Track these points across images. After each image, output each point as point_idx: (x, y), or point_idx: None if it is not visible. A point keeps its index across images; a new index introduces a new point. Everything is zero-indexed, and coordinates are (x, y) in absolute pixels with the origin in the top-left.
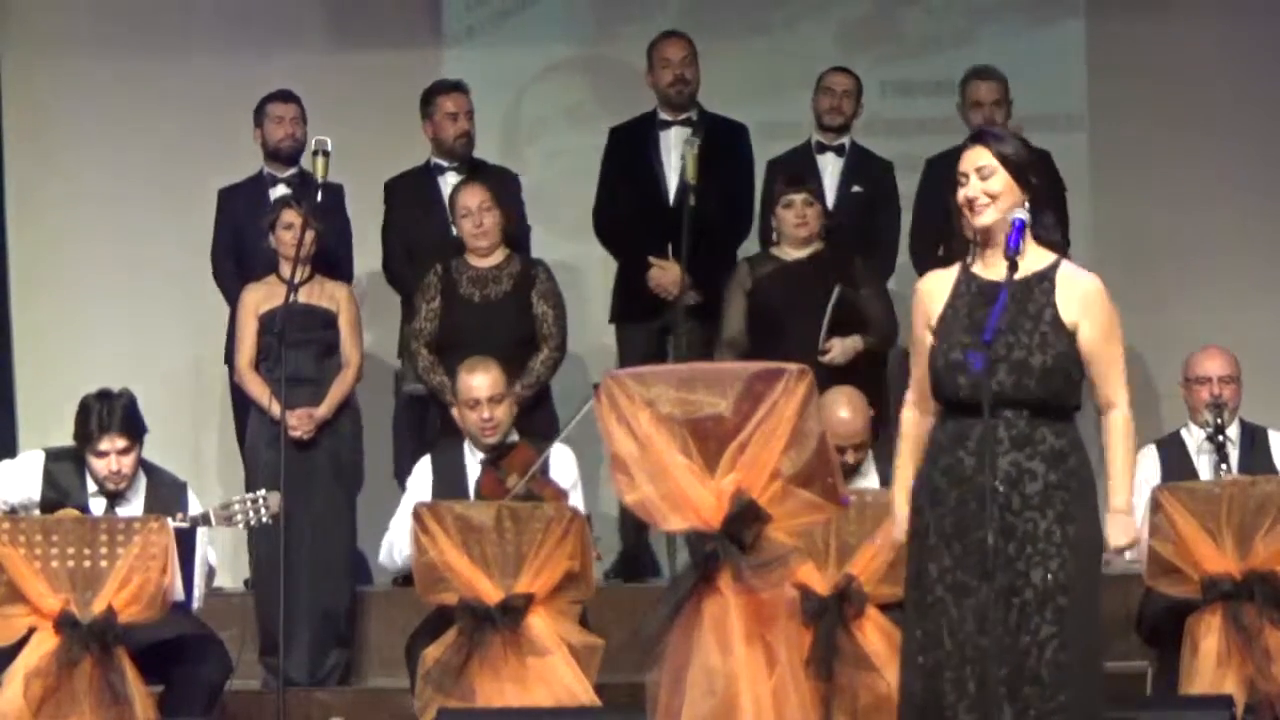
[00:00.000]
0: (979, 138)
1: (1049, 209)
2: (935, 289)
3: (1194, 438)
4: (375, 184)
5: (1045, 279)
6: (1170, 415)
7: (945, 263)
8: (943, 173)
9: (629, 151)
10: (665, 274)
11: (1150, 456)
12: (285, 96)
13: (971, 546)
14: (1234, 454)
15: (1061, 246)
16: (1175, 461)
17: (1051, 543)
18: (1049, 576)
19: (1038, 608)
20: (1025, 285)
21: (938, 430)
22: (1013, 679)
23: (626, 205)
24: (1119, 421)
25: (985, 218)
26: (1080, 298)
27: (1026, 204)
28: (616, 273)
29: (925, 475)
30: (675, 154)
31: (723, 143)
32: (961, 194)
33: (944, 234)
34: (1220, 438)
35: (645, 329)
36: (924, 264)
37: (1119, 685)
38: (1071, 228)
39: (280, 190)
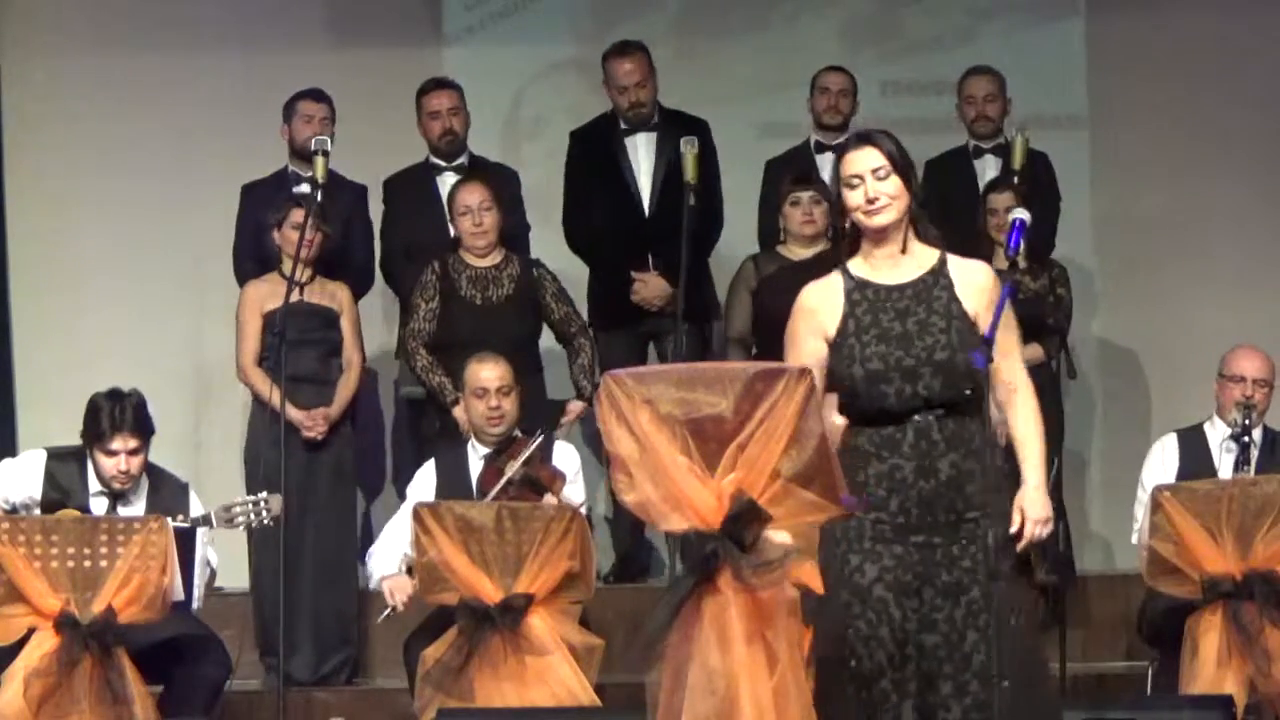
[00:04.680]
0: (865, 138)
1: (925, 209)
2: (826, 301)
3: (1217, 432)
4: (376, 183)
5: (939, 275)
6: (1170, 411)
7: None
8: (943, 174)
9: (595, 159)
10: (647, 287)
11: (1170, 445)
12: (317, 96)
13: (913, 548)
14: (1254, 456)
15: (941, 241)
16: (1195, 453)
17: (988, 538)
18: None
19: (986, 605)
20: (923, 284)
21: (859, 438)
22: (958, 675)
23: (599, 214)
24: (1028, 402)
25: (884, 218)
26: (976, 287)
27: (898, 204)
28: (590, 280)
29: (854, 484)
30: (645, 161)
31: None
32: (858, 195)
33: (954, 234)
34: (1246, 438)
35: (625, 335)
36: None
37: (1119, 685)
38: (1072, 226)
39: (305, 189)
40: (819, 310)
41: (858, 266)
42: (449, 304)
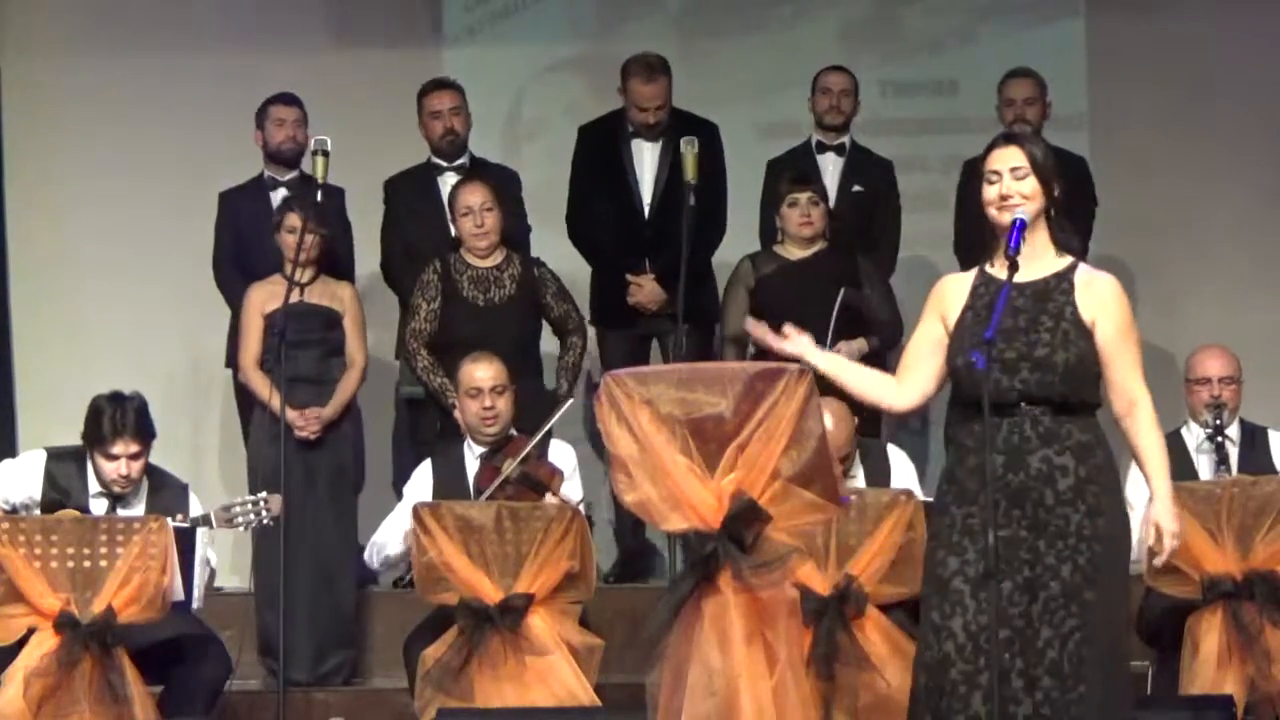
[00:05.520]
0: (1012, 138)
1: (1066, 215)
2: (955, 291)
3: (1194, 437)
4: (375, 184)
5: (1064, 280)
6: (1173, 411)
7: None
8: (979, 175)
9: (601, 157)
10: (643, 291)
11: None
12: (287, 99)
13: (999, 541)
14: (1233, 454)
15: (1078, 251)
16: (1174, 461)
17: (1082, 537)
18: (1077, 572)
19: (1064, 602)
20: (1044, 286)
21: (960, 432)
22: (1031, 670)
23: (601, 214)
24: (1148, 416)
25: (1013, 216)
26: (1097, 296)
27: (1030, 205)
28: (592, 278)
29: (952, 476)
30: (649, 162)
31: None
32: (993, 191)
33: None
34: (1220, 438)
35: (628, 334)
36: (972, 266)
37: None
38: None
39: (282, 194)
40: (947, 297)
41: (991, 264)
42: (450, 304)
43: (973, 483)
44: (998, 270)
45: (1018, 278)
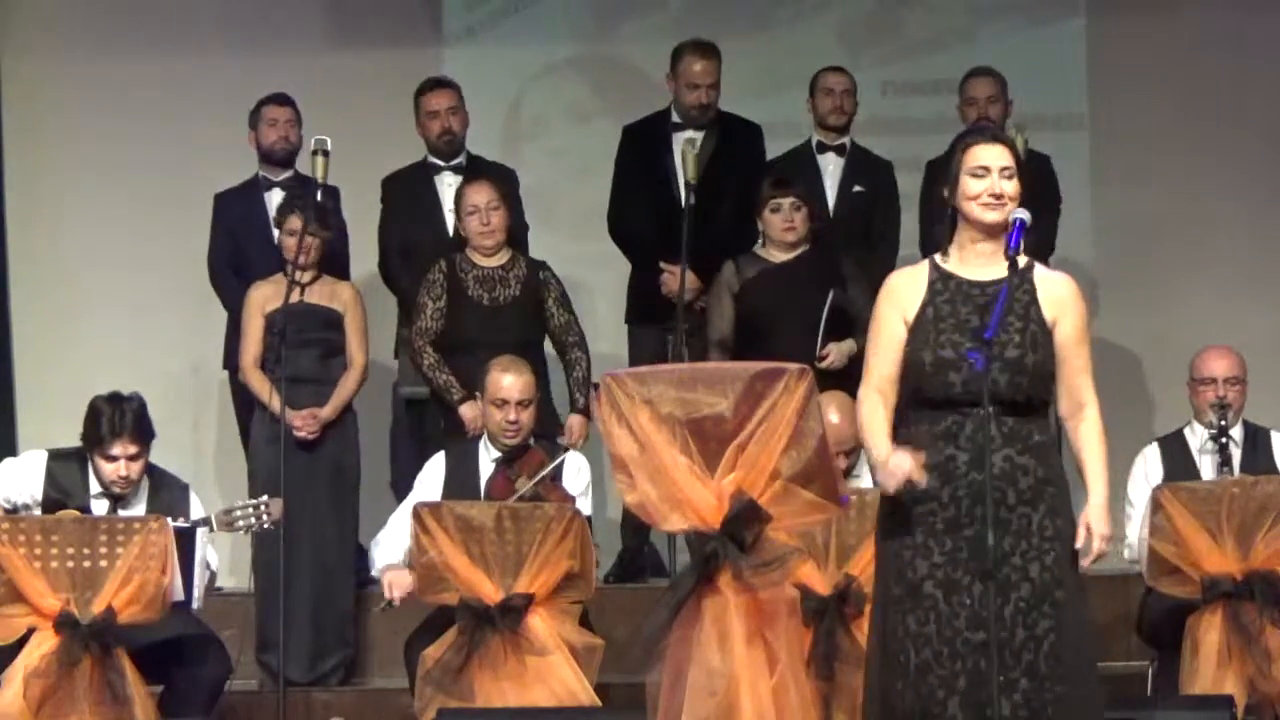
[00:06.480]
0: (999, 137)
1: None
2: (909, 286)
3: (1197, 437)
4: (375, 184)
5: (1025, 280)
6: (1170, 414)
7: None
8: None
9: (643, 153)
10: (675, 280)
11: (1153, 454)
12: (280, 99)
13: (963, 543)
14: (1236, 455)
15: (1035, 250)
16: (1177, 460)
17: (1045, 537)
18: (1045, 572)
19: (1035, 603)
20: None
21: (918, 427)
22: (1007, 673)
23: (641, 208)
24: (1095, 420)
25: (999, 215)
26: (1058, 297)
27: (1012, 205)
28: (630, 274)
29: None
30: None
31: (736, 143)
32: (980, 186)
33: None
34: (1224, 439)
35: (656, 331)
36: None
37: (1119, 685)
38: (1072, 227)
39: (276, 194)
40: (904, 293)
41: (945, 258)
42: (455, 304)
43: (934, 478)
44: (957, 266)
45: (978, 277)
